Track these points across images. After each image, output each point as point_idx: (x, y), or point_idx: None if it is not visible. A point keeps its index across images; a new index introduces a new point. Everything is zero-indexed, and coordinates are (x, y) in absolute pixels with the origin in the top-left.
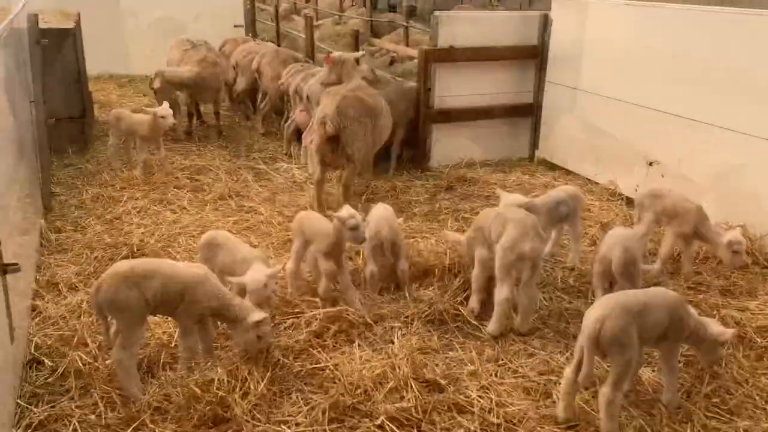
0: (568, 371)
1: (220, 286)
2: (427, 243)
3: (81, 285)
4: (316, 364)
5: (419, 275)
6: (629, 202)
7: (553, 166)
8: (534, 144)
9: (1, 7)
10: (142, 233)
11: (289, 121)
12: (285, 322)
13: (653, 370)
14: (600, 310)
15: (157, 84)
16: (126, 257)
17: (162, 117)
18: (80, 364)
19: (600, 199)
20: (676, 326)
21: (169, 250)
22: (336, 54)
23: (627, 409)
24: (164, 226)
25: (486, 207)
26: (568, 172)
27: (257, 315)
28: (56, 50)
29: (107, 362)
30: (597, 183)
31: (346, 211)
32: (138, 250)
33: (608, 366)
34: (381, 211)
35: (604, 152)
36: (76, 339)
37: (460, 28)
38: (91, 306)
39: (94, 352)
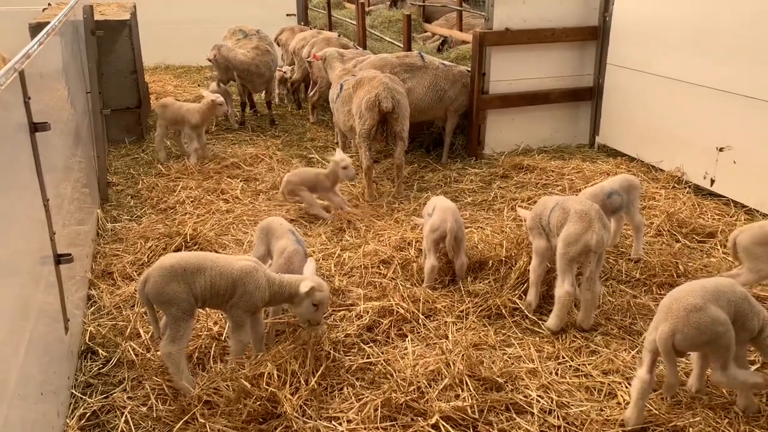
0: (642, 373)
1: (269, 273)
2: (481, 234)
3: (135, 275)
4: (367, 358)
5: (474, 267)
6: (697, 189)
7: (614, 153)
8: (594, 129)
9: (62, 1)
10: (196, 223)
11: None
12: (335, 315)
13: None
14: (669, 324)
15: (211, 55)
16: (179, 247)
17: (219, 104)
18: (133, 356)
19: (666, 187)
20: (739, 323)
21: (222, 239)
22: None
23: (704, 411)
24: (217, 216)
25: (544, 195)
26: (631, 159)
27: (305, 285)
28: (112, 42)
29: (158, 354)
30: (662, 170)
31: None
32: (191, 239)
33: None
34: (445, 202)
35: (670, 137)
36: (129, 329)
37: (516, 10)
38: (139, 298)
39: (146, 343)
